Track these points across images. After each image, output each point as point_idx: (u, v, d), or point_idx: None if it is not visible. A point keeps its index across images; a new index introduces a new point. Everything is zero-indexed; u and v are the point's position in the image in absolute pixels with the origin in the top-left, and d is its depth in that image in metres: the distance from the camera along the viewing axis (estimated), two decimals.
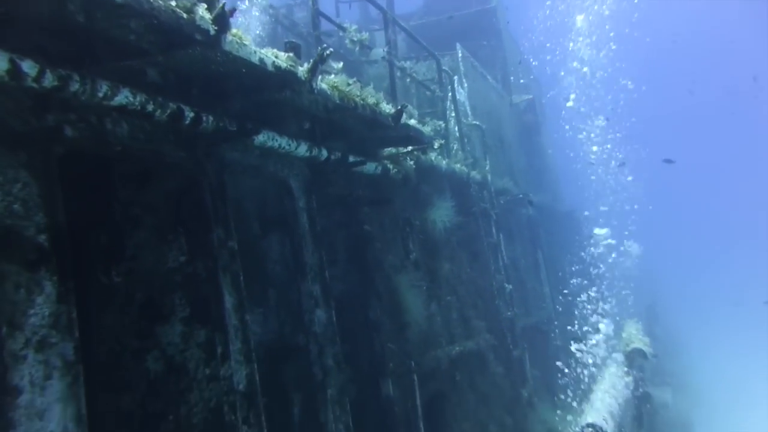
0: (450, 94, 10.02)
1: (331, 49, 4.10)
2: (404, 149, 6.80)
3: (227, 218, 4.05)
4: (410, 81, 9.76)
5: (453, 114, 9.97)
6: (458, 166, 9.12)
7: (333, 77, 4.51)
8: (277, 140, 4.51)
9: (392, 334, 6.17)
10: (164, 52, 2.99)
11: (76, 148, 3.01)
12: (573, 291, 12.97)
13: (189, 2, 2.89)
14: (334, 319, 5.12)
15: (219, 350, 3.78)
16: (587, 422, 6.61)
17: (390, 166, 6.49)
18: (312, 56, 4.16)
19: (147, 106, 3.17)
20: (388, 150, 6.69)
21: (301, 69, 3.98)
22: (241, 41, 3.28)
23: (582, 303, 12.52)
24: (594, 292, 12.88)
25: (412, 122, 6.04)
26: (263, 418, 3.93)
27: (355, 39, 6.96)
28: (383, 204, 6.54)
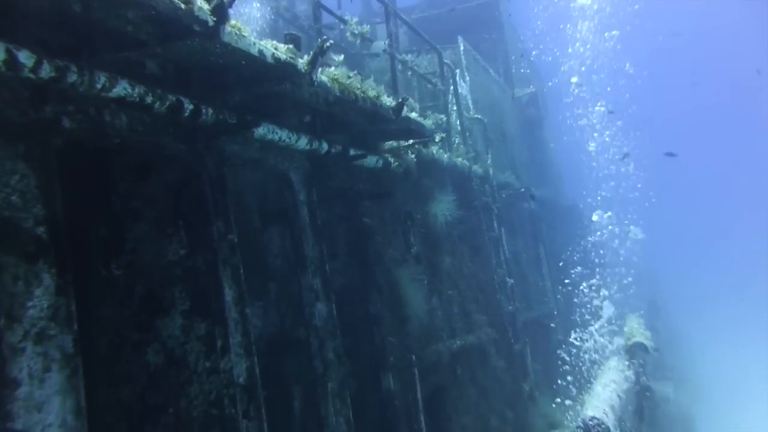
0: (452, 88, 9.98)
1: (331, 41, 4.06)
2: (405, 143, 6.77)
3: (227, 211, 4.04)
4: (412, 74, 9.72)
5: (455, 107, 9.94)
6: (460, 160, 9.09)
7: (333, 70, 4.48)
8: (277, 133, 4.49)
9: (393, 328, 6.16)
10: (162, 44, 2.97)
11: (75, 140, 2.99)
12: (574, 281, 12.95)
13: None
14: (335, 313, 5.11)
15: (219, 343, 3.78)
16: (588, 415, 6.60)
17: (391, 160, 6.46)
18: (313, 49, 4.13)
19: (146, 98, 3.16)
20: (389, 143, 6.66)
21: (301, 61, 3.95)
22: (240, 32, 3.26)
23: (583, 291, 12.50)
24: (596, 279, 12.86)
25: (414, 115, 6.01)
26: (263, 411, 3.92)
27: (357, 32, 6.92)
28: (384, 197, 6.52)
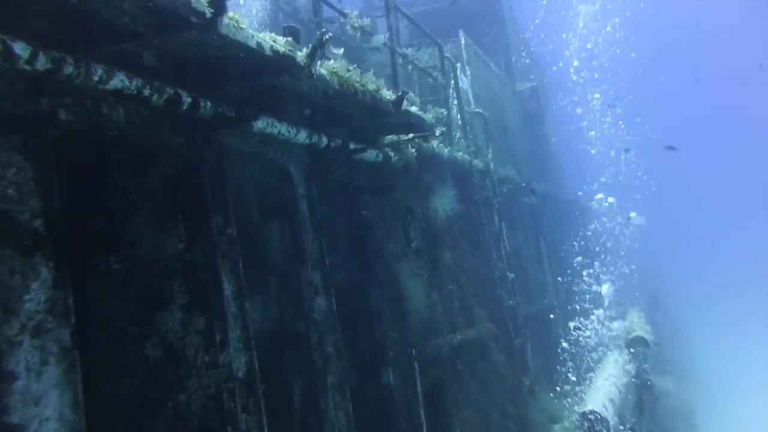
0: (452, 82, 9.95)
1: (330, 34, 4.04)
2: (405, 137, 6.75)
3: (226, 205, 4.02)
4: (412, 68, 9.69)
5: (455, 102, 9.90)
6: (460, 154, 9.06)
7: (332, 63, 4.45)
8: (277, 127, 4.46)
9: (393, 322, 6.15)
10: (159, 35, 2.94)
11: (72, 133, 2.97)
12: (575, 269, 12.95)
13: None
14: (334, 307, 5.10)
15: (218, 337, 3.77)
16: (587, 409, 6.60)
17: (391, 154, 6.44)
18: (312, 42, 4.10)
19: (143, 91, 3.13)
20: (390, 137, 6.64)
21: (300, 54, 3.92)
22: (238, 24, 3.23)
23: (584, 279, 12.50)
24: (597, 264, 12.85)
25: (414, 109, 5.98)
26: (262, 405, 3.92)
27: (356, 25, 6.90)
28: (384, 192, 6.50)
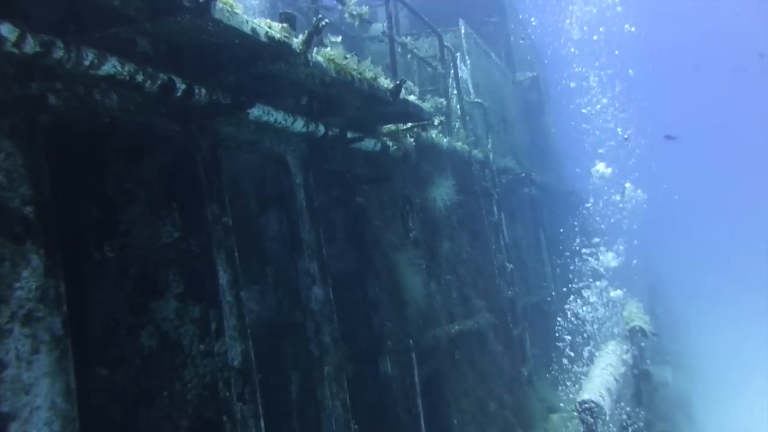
0: (452, 72, 9.87)
1: (327, 20, 3.98)
2: (404, 126, 6.70)
3: (222, 193, 3.99)
4: (411, 57, 9.61)
5: (455, 91, 9.83)
6: (460, 145, 9.01)
7: (329, 50, 4.40)
8: (273, 115, 4.42)
9: (391, 313, 6.14)
10: (152, 20, 2.89)
11: (64, 119, 2.93)
12: (574, 251, 12.91)
13: None
14: (332, 297, 5.08)
15: (213, 326, 3.74)
16: (583, 398, 6.59)
17: (389, 143, 6.39)
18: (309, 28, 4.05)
19: (136, 77, 3.09)
20: (388, 127, 6.59)
21: (296, 40, 3.87)
22: (232, 9, 3.18)
23: (582, 255, 12.44)
24: (597, 240, 12.79)
25: (412, 98, 5.93)
26: (258, 395, 3.90)
27: (355, 13, 6.81)
28: (382, 181, 6.46)
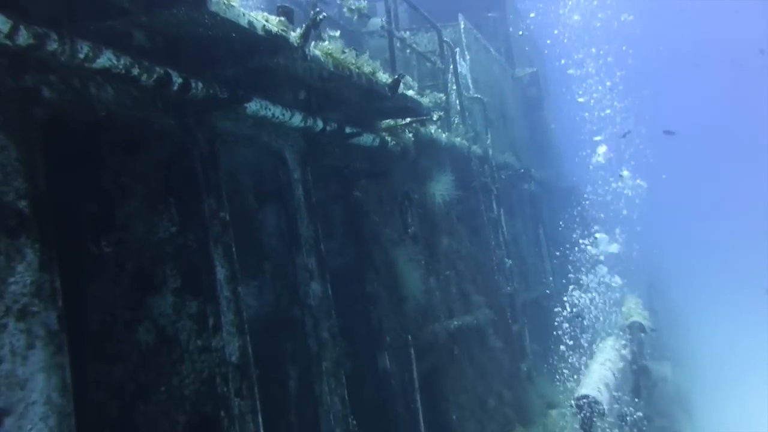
0: (451, 67, 9.84)
1: (324, 14, 3.96)
2: (402, 121, 6.68)
3: (219, 188, 3.97)
4: (410, 52, 9.57)
5: (454, 87, 9.81)
6: (459, 140, 8.99)
7: (327, 44, 4.37)
8: (271, 109, 4.40)
9: (389, 308, 6.13)
10: (147, 12, 2.87)
11: (59, 113, 2.91)
12: (574, 242, 12.89)
13: None
14: (330, 292, 5.06)
15: (211, 321, 3.73)
16: (581, 394, 6.58)
17: (388, 139, 6.37)
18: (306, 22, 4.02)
19: (132, 70, 3.06)
20: (386, 122, 6.56)
21: (293, 34, 3.85)
22: (229, 2, 3.16)
23: (581, 244, 12.41)
24: (597, 228, 12.77)
25: (411, 93, 5.90)
26: (256, 390, 3.89)
27: (353, 7, 6.79)
28: (381, 177, 6.44)
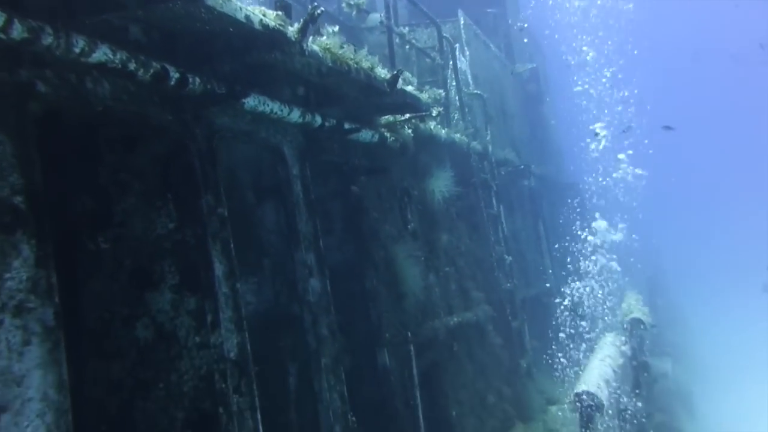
0: (451, 63, 9.81)
1: (322, 9, 3.93)
2: (402, 117, 6.65)
3: (217, 184, 3.95)
4: (410, 48, 9.55)
5: (454, 83, 9.77)
6: (458, 136, 8.96)
7: (325, 39, 4.35)
8: (269, 105, 4.37)
9: (389, 305, 6.11)
10: (143, 6, 2.85)
11: (54, 108, 2.89)
12: (573, 234, 12.84)
13: None
14: (329, 289, 5.05)
15: (209, 318, 3.72)
16: (581, 390, 6.57)
17: (387, 135, 6.35)
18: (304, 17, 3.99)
19: (128, 65, 3.04)
20: (386, 118, 6.54)
21: (291, 29, 3.82)
22: None
23: (581, 238, 12.35)
24: (598, 215, 12.72)
25: (410, 89, 5.88)
26: (255, 387, 3.88)
27: (352, 2, 6.75)
28: (380, 173, 6.42)
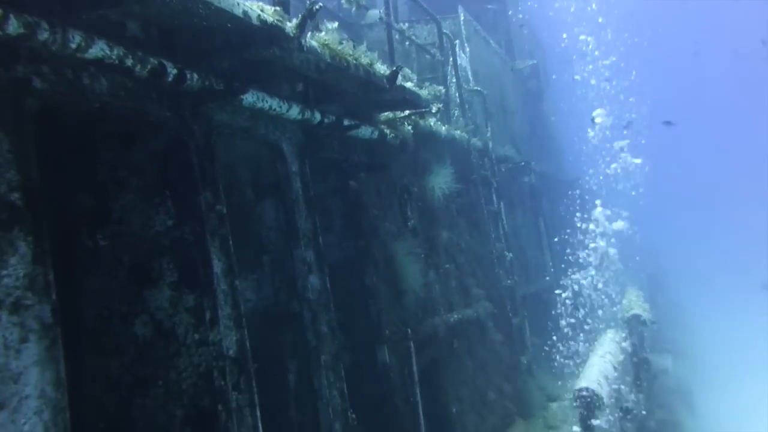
0: (451, 59, 9.78)
1: (321, 4, 3.91)
2: (401, 113, 6.63)
3: (215, 181, 3.94)
4: (410, 45, 9.52)
5: (454, 79, 9.75)
6: (458, 133, 8.94)
7: (324, 35, 4.33)
8: (268, 101, 4.36)
9: (389, 302, 6.11)
10: (140, 1, 2.83)
11: (51, 104, 2.87)
12: (574, 227, 12.81)
13: None
14: (328, 286, 5.03)
15: (208, 315, 3.71)
16: (581, 386, 6.56)
17: (387, 131, 6.33)
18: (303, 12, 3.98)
19: (125, 61, 3.03)
20: (385, 114, 6.52)
21: (289, 24, 3.81)
22: None
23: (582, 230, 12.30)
24: (599, 203, 12.68)
25: (409, 85, 5.86)
26: (254, 384, 3.87)
27: None
28: (380, 169, 6.41)
